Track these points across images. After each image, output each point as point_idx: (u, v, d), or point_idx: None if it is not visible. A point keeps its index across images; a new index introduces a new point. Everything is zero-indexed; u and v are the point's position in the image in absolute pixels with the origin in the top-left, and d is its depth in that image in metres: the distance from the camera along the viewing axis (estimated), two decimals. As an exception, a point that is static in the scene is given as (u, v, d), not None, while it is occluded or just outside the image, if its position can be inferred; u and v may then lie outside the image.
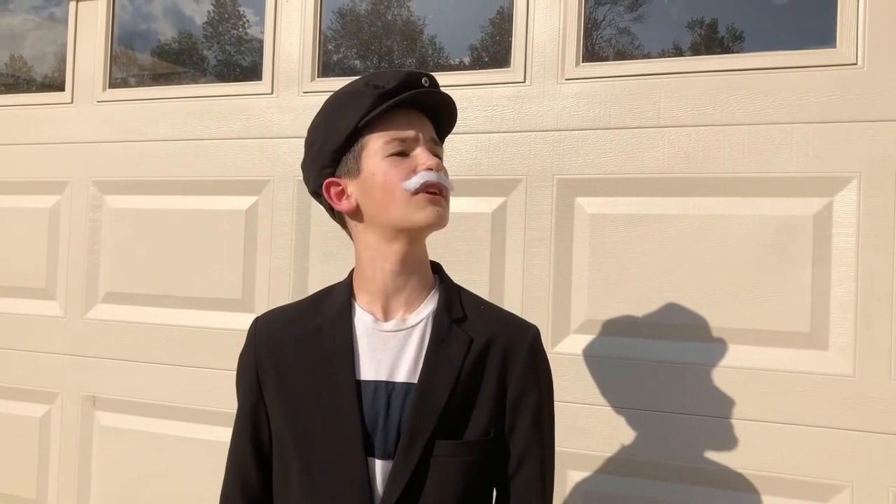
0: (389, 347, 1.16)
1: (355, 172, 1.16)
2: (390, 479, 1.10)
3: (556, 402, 1.84)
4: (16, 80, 2.91)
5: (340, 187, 1.18)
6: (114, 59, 2.48)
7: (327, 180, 1.18)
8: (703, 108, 1.80)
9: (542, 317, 1.89)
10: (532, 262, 1.92)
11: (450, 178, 1.19)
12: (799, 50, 1.76)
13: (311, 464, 1.14)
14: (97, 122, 2.41)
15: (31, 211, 2.49)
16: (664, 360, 1.80)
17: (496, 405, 1.15)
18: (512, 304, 1.90)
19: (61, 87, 2.50)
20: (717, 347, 1.77)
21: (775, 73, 1.75)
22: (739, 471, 1.74)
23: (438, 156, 1.17)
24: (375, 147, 1.14)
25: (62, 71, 2.52)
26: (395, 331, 1.17)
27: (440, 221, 1.14)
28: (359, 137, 1.15)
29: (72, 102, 2.46)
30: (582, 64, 1.92)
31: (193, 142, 2.28)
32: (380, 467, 1.12)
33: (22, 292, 2.50)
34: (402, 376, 1.14)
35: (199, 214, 2.27)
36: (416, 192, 1.12)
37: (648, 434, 1.80)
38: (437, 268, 1.26)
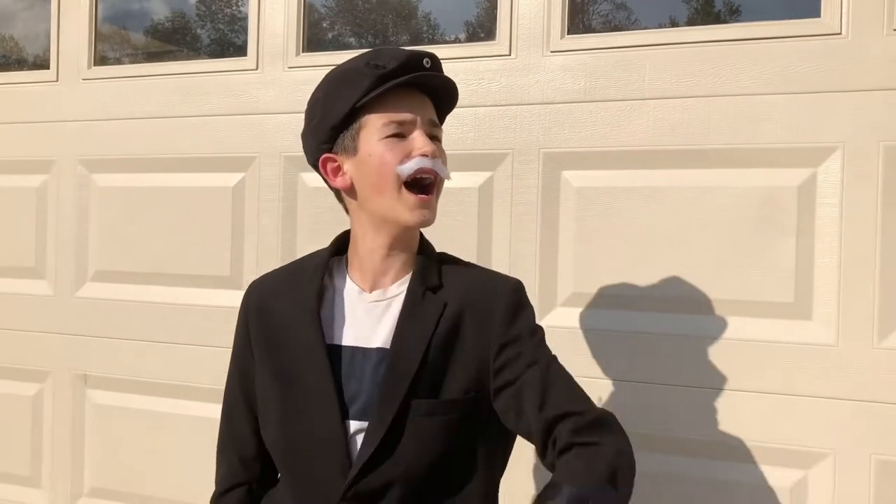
0: (371, 317, 1.19)
1: (352, 151, 1.16)
2: (365, 440, 1.12)
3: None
4: (7, 61, 2.90)
5: (336, 164, 1.19)
6: (98, 37, 2.46)
7: (324, 156, 1.19)
8: (687, 80, 1.80)
9: (529, 291, 1.84)
10: (519, 237, 1.92)
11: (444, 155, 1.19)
12: (784, 20, 1.75)
13: (291, 414, 1.18)
14: (83, 99, 2.40)
15: (19, 190, 2.49)
16: (649, 332, 1.81)
17: (477, 364, 1.15)
18: (499, 277, 1.91)
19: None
20: (701, 318, 1.78)
21: (759, 44, 1.75)
22: (723, 440, 1.75)
23: (437, 137, 1.18)
24: (373, 128, 1.14)
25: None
26: (376, 301, 1.20)
27: (424, 223, 1.16)
28: (357, 116, 1.15)
29: (57, 80, 2.44)
30: (567, 36, 1.91)
31: (179, 119, 2.27)
32: (353, 429, 1.14)
33: (11, 272, 2.50)
34: (378, 343, 1.17)
35: (186, 192, 2.26)
36: (409, 178, 1.13)
37: (633, 405, 1.81)
38: (421, 238, 1.27)
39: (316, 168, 1.23)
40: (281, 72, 2.17)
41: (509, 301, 1.19)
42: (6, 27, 2.86)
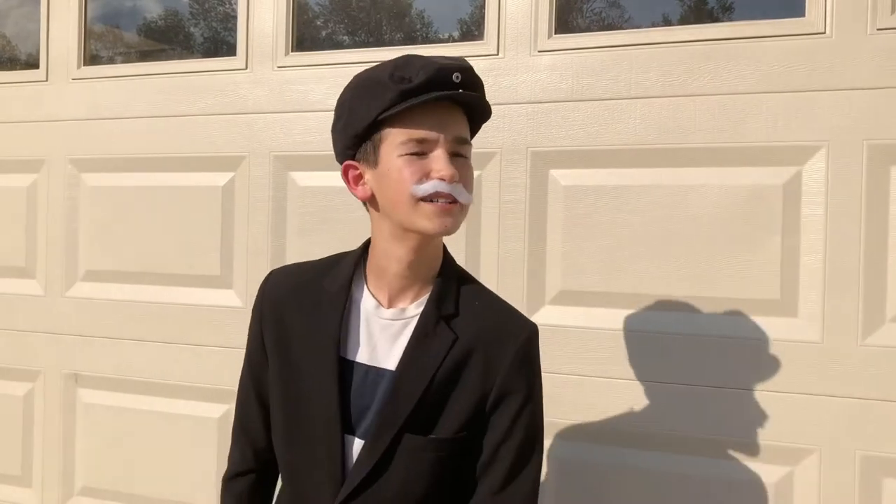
0: (386, 334, 1.17)
1: (373, 162, 1.12)
2: (358, 461, 1.14)
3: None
4: (-1, 59, 2.90)
5: (358, 172, 1.15)
6: (90, 35, 2.46)
7: (346, 163, 1.16)
8: (673, 79, 1.81)
9: (517, 288, 1.91)
10: (507, 235, 1.93)
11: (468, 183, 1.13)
12: (769, 20, 1.76)
13: (293, 431, 1.19)
14: (72, 99, 2.40)
15: (9, 190, 2.48)
16: (637, 330, 1.83)
17: (476, 403, 1.14)
18: (487, 276, 1.91)
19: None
20: (688, 316, 1.79)
21: (745, 43, 1.76)
22: (710, 437, 1.77)
23: (463, 155, 1.11)
24: (394, 142, 1.09)
25: (45, 50, 2.50)
26: (392, 319, 1.17)
27: (446, 231, 1.10)
28: (379, 128, 1.10)
29: (46, 80, 2.44)
30: (554, 36, 1.92)
31: (169, 118, 2.27)
32: (357, 447, 1.15)
33: (1, 271, 2.50)
34: (390, 364, 1.16)
35: (176, 191, 2.27)
36: (424, 199, 1.07)
37: (621, 402, 1.83)
38: (444, 255, 1.23)
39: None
40: (270, 71, 2.17)
41: (519, 351, 1.16)
42: (-1, 26, 2.86)
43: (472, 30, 2.25)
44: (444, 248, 1.22)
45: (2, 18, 2.83)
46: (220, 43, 2.61)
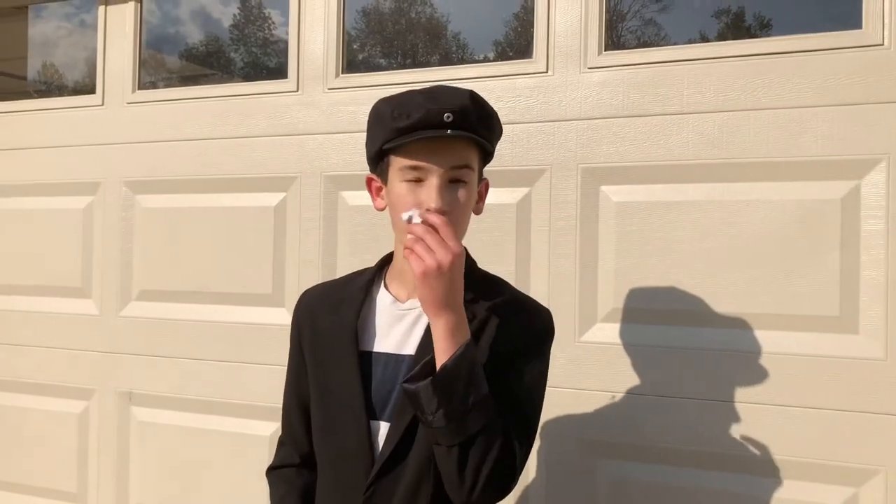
0: (403, 324, 1.27)
1: (385, 181, 1.25)
2: (387, 439, 1.22)
3: (583, 391, 1.87)
4: (48, 87, 2.98)
5: (379, 185, 1.28)
6: (143, 62, 2.53)
7: (368, 175, 1.30)
8: (726, 94, 1.79)
9: (569, 306, 1.90)
10: (558, 252, 1.92)
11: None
12: (825, 32, 1.74)
13: (326, 420, 1.29)
14: (127, 123, 2.46)
15: (66, 212, 2.55)
16: (693, 348, 1.80)
17: (489, 376, 1.18)
18: (538, 293, 1.91)
19: (92, 91, 2.55)
20: (745, 333, 1.77)
21: (800, 57, 1.74)
22: (772, 456, 1.73)
23: (462, 179, 1.19)
24: (395, 168, 1.20)
25: (93, 77, 2.57)
26: (409, 308, 1.27)
27: None
28: (386, 153, 1.22)
29: (102, 105, 2.51)
30: (604, 52, 1.92)
31: (221, 140, 2.32)
32: (384, 430, 1.23)
33: (58, 291, 2.55)
34: (409, 350, 1.25)
35: (228, 212, 2.30)
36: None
37: (678, 421, 1.80)
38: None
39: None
40: (321, 93, 2.20)
41: (534, 323, 1.27)
42: (48, 54, 2.95)
43: (507, 51, 2.27)
44: (465, 253, 1.27)
45: (52, 48, 2.92)
46: (261, 67, 2.67)
